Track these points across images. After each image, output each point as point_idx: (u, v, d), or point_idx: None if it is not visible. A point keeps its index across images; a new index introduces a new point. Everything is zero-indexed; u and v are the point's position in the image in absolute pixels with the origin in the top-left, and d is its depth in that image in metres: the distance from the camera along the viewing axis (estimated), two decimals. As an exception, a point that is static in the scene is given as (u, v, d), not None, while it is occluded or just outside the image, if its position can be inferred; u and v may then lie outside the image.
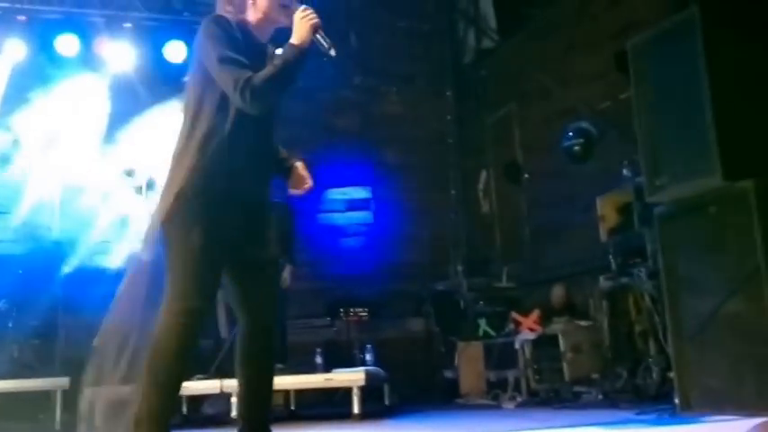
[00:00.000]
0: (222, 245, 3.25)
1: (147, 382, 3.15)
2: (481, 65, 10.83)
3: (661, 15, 7.09)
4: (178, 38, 8.92)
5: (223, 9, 3.42)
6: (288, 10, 3.39)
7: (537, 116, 9.47)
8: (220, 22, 3.32)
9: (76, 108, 8.71)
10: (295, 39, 3.27)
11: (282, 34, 3.41)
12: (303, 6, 3.33)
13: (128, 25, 9.09)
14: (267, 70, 3.21)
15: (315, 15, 3.30)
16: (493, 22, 10.60)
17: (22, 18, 8.70)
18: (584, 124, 7.60)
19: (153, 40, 9.09)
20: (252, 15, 3.42)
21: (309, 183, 3.60)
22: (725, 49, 4.94)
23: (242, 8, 3.42)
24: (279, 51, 3.38)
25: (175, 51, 8.91)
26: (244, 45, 3.30)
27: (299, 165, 3.60)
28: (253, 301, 3.41)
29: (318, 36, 3.28)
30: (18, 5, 8.69)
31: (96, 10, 9.04)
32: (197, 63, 3.36)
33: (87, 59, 8.88)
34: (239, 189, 3.29)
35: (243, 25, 3.39)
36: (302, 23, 3.28)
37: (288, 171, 3.60)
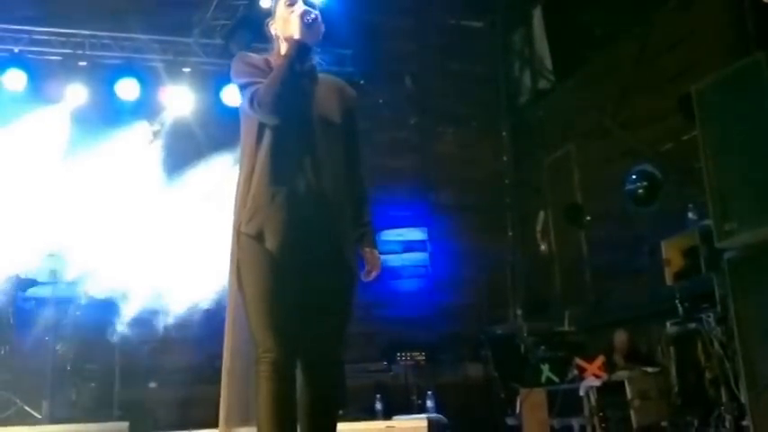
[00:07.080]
0: (291, 286, 3.10)
1: None
2: (538, 105, 10.76)
3: (721, 58, 7.02)
4: (236, 82, 9.00)
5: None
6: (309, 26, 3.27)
7: (596, 157, 9.36)
8: (239, 57, 3.37)
9: (135, 151, 8.82)
10: (294, 34, 3.22)
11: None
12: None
13: (186, 70, 9.25)
14: (271, 74, 3.18)
15: (300, 6, 3.25)
16: (549, 64, 10.53)
17: (83, 64, 8.91)
18: (648, 167, 7.52)
19: (211, 85, 9.23)
20: (283, 46, 3.33)
21: (374, 273, 3.45)
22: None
23: (276, 46, 3.41)
24: None
25: (233, 96, 8.99)
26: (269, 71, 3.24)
27: (368, 251, 3.45)
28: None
29: (306, 19, 3.21)
30: (80, 51, 8.94)
31: (156, 55, 9.21)
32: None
33: (147, 103, 9.07)
34: (291, 221, 3.12)
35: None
36: (292, 18, 3.24)
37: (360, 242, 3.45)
